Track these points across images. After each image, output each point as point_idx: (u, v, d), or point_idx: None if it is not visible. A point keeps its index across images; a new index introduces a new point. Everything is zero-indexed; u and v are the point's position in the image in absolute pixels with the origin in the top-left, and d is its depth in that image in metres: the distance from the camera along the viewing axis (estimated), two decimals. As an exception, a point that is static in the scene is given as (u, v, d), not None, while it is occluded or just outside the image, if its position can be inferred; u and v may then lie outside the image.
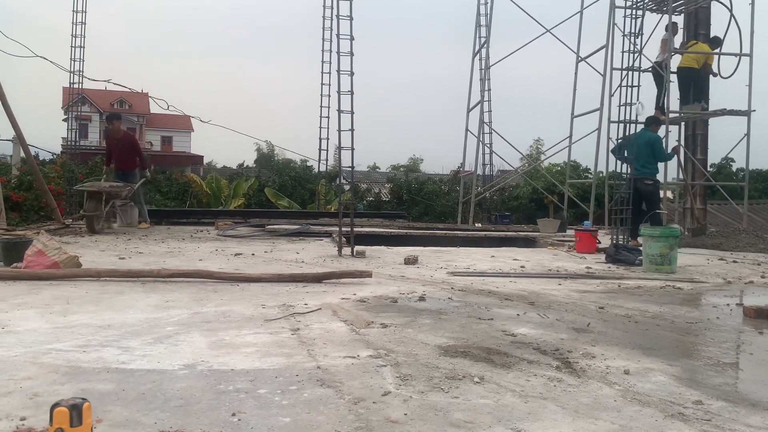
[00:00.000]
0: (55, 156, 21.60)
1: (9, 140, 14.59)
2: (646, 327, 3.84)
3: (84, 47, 13.86)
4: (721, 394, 2.54)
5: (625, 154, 9.56)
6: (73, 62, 13.78)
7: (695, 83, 11.72)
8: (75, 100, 14.89)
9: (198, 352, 2.96)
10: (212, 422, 2.09)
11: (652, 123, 9.84)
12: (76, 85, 13.87)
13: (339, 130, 7.72)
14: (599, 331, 3.66)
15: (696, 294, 5.35)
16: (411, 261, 6.81)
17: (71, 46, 13.82)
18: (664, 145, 10.15)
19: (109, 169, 11.44)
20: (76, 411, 1.56)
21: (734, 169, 29.10)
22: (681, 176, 11.66)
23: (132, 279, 5.10)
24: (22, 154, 13.90)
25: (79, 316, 3.69)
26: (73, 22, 13.77)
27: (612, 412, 2.29)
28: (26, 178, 12.31)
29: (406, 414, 2.19)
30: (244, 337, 3.29)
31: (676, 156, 10.76)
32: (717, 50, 12.01)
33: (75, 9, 13.73)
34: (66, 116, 19.38)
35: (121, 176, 10.95)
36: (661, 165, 10.38)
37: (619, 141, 9.77)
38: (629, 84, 9.52)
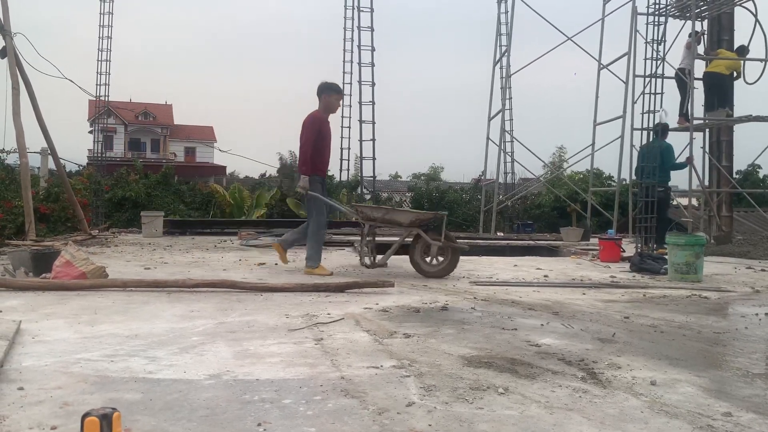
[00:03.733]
0: (81, 167, 21.99)
1: (38, 152, 14.90)
2: (672, 337, 3.79)
3: (110, 61, 14.16)
4: (751, 405, 2.50)
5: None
6: (99, 75, 14.08)
7: (720, 89, 11.59)
8: (101, 112, 15.19)
9: (223, 362, 2.99)
10: (238, 432, 2.11)
11: (664, 132, 9.78)
12: (102, 98, 14.15)
13: (360, 140, 7.80)
14: (624, 341, 3.62)
15: (723, 303, 5.27)
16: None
17: (97, 60, 14.12)
18: (678, 153, 10.09)
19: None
20: (106, 421, 1.58)
21: (761, 176, 28.61)
22: (698, 184, 11.51)
23: (157, 289, 5.17)
24: (50, 166, 14.19)
25: (106, 326, 3.75)
26: (99, 37, 14.08)
27: (639, 423, 2.26)
28: (54, 189, 12.54)
29: (430, 425, 2.19)
30: (268, 347, 3.32)
31: (690, 165, 10.66)
32: (741, 52, 11.85)
33: (101, 24, 14.05)
34: (92, 128, 19.75)
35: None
36: (682, 173, 10.32)
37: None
38: (652, 91, 9.47)
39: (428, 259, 6.60)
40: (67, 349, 3.18)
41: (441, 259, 6.57)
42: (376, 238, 7.13)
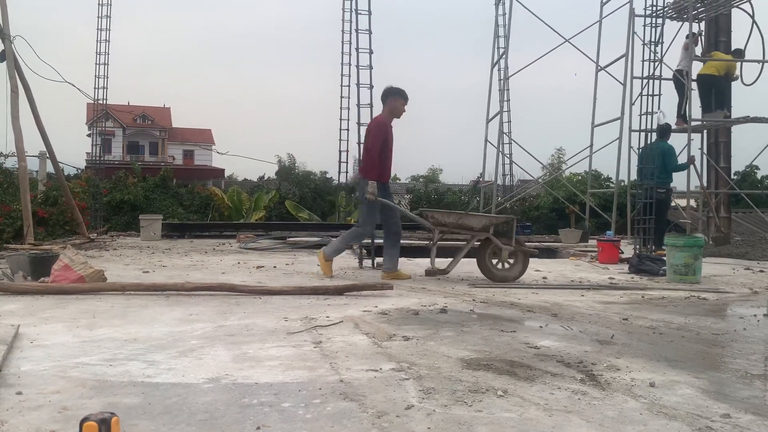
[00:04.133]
0: (79, 171, 21.98)
1: (36, 156, 14.89)
2: (671, 339, 3.79)
3: (108, 64, 14.15)
4: (749, 407, 2.50)
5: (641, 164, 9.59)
6: (97, 79, 14.08)
7: (716, 91, 11.61)
8: (99, 115, 15.19)
9: (222, 365, 2.99)
10: (237, 436, 2.11)
11: (664, 133, 9.79)
12: (100, 101, 14.14)
13: (359, 143, 7.78)
14: (623, 342, 3.63)
15: (722, 304, 5.27)
16: (432, 273, 6.80)
17: (95, 63, 14.12)
18: (677, 154, 10.09)
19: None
20: (105, 425, 1.58)
21: (759, 176, 28.66)
22: (697, 185, 11.52)
23: (156, 292, 5.16)
24: (49, 169, 14.19)
25: (105, 330, 3.75)
26: (97, 40, 14.08)
27: (638, 425, 2.26)
28: (52, 193, 12.53)
29: (429, 428, 2.19)
30: (267, 350, 3.31)
31: (692, 165, 10.66)
32: (737, 55, 11.87)
33: (99, 27, 14.04)
34: (90, 131, 19.75)
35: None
36: (680, 174, 10.33)
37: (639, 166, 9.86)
38: (650, 93, 9.48)
39: (497, 263, 6.55)
40: (66, 354, 3.17)
41: (511, 262, 6.52)
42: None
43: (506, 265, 6.51)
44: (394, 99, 6.65)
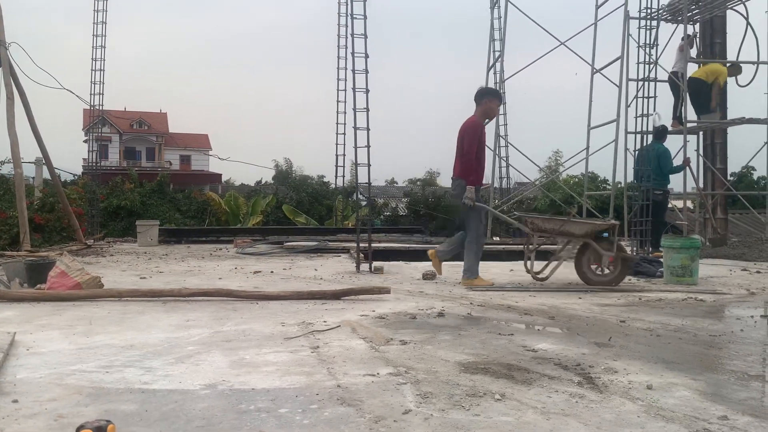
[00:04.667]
0: (76, 177, 21.95)
1: (32, 162, 14.87)
2: (668, 340, 3.79)
3: (104, 70, 14.15)
4: (747, 408, 2.50)
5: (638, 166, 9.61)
6: (93, 84, 14.08)
7: (699, 95, 11.62)
8: (95, 121, 15.17)
9: (219, 371, 2.98)
10: (234, 442, 2.10)
11: (660, 134, 9.82)
12: (96, 107, 14.13)
13: (355, 147, 7.78)
14: (621, 345, 3.63)
15: (719, 306, 5.28)
16: (429, 276, 6.80)
17: (91, 70, 14.11)
18: (673, 155, 10.12)
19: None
20: (100, 433, 1.58)
21: (755, 177, 28.72)
22: (693, 186, 11.53)
23: (153, 299, 5.16)
24: (45, 175, 14.17)
25: (101, 337, 3.74)
26: (93, 46, 14.08)
27: (636, 428, 2.26)
28: (49, 199, 12.51)
29: (427, 432, 2.18)
30: (264, 355, 3.31)
31: (688, 168, 10.68)
32: (733, 70, 11.86)
33: (95, 33, 14.04)
34: (87, 137, 19.72)
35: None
36: (677, 176, 10.35)
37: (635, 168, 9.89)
38: (645, 95, 9.50)
39: (596, 268, 6.44)
40: (62, 361, 3.16)
41: (611, 268, 6.37)
42: (381, 244, 7.08)
43: (606, 270, 6.40)
44: (490, 100, 6.59)
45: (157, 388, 2.71)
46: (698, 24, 12.67)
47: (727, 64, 11.78)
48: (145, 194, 19.36)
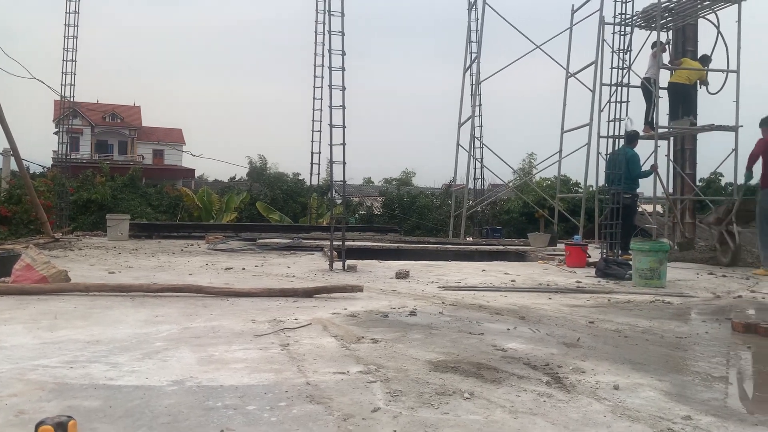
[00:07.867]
0: (45, 169, 21.54)
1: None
2: (635, 342, 3.84)
3: (75, 61, 13.89)
4: (710, 409, 2.55)
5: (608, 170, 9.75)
6: (64, 76, 13.81)
7: (685, 98, 11.84)
8: (66, 113, 14.89)
9: (187, 368, 2.94)
10: (200, 439, 2.07)
11: (631, 139, 9.97)
12: (68, 98, 13.87)
13: (331, 144, 7.75)
14: (589, 345, 3.67)
15: (685, 308, 5.37)
16: (402, 275, 6.81)
17: (63, 60, 13.85)
18: (641, 161, 10.27)
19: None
20: (61, 429, 1.55)
21: (723, 183, 29.29)
22: (662, 192, 11.72)
23: (121, 294, 5.08)
24: (12, 167, 13.87)
25: (67, 332, 3.66)
26: (65, 36, 13.81)
27: (602, 428, 2.29)
28: (16, 191, 12.25)
29: (395, 431, 2.18)
30: (233, 352, 3.28)
31: (655, 173, 10.86)
32: (707, 67, 12.12)
33: (67, 23, 13.78)
34: (57, 129, 19.34)
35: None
36: (647, 180, 10.52)
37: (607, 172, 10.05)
38: (618, 100, 9.62)
39: None
40: (25, 355, 3.10)
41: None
42: (355, 243, 7.07)
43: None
44: None
45: (123, 384, 2.66)
46: (671, 31, 12.87)
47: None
48: (116, 188, 19.09)
